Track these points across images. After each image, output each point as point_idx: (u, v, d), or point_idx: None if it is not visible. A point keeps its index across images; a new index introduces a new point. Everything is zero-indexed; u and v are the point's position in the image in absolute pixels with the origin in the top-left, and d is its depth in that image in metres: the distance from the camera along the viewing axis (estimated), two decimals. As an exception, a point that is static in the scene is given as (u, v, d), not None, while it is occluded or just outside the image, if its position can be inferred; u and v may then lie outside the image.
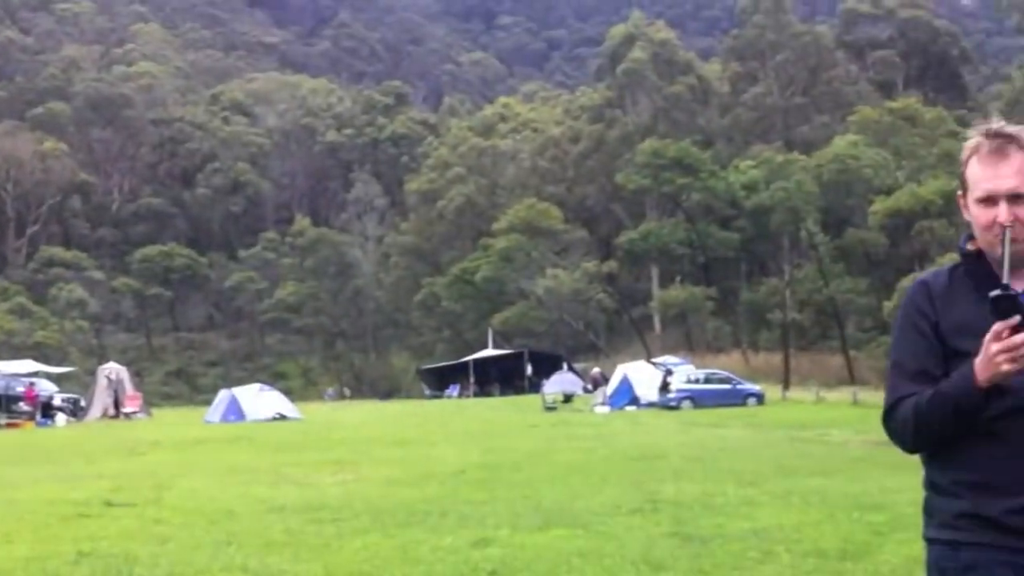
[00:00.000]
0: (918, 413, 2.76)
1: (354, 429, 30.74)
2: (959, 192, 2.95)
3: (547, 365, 63.43)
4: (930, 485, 2.89)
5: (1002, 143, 2.81)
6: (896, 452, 3.05)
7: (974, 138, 2.88)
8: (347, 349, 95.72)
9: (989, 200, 2.79)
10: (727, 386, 44.81)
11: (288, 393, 55.06)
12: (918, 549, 3.19)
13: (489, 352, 71.18)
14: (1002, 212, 2.76)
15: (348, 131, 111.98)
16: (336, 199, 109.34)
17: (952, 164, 69.97)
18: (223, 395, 43.91)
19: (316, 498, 13.96)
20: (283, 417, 40.72)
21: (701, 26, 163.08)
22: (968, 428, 2.74)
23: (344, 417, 41.18)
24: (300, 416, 41.18)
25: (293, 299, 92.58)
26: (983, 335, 2.65)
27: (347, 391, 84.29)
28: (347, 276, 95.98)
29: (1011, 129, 2.84)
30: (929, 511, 2.90)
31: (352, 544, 10.24)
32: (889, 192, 65.85)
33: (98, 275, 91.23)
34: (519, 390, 63.09)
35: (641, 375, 46.12)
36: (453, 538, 10.37)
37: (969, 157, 2.86)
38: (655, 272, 79.57)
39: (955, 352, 2.77)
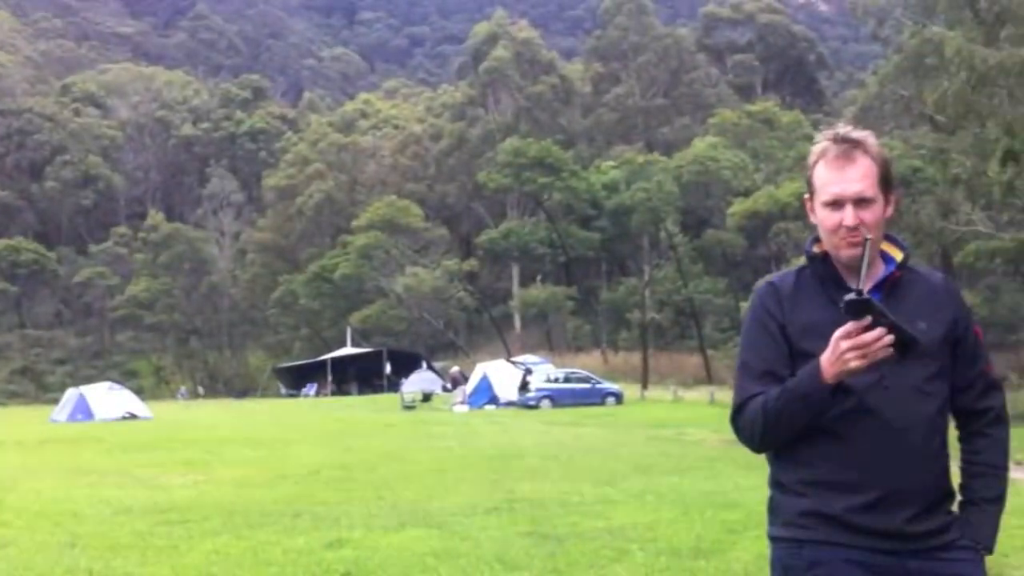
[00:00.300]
0: (766, 412, 2.79)
1: (207, 429, 30.08)
2: (806, 195, 3.00)
3: (406, 364, 63.23)
4: (775, 484, 2.94)
5: (849, 148, 2.85)
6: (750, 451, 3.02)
7: (821, 142, 2.92)
8: (201, 347, 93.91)
9: (836, 204, 2.84)
10: (586, 385, 45.17)
11: (139, 392, 53.96)
12: (770, 547, 3.16)
13: (347, 351, 70.73)
14: (848, 216, 2.81)
15: (204, 125, 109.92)
16: (191, 194, 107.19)
17: (804, 170, 71.52)
18: (71, 394, 42.83)
19: (165, 499, 13.63)
20: (133, 416, 39.91)
21: (564, 26, 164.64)
22: (813, 427, 2.78)
23: (197, 416, 40.35)
24: (151, 415, 40.35)
25: (145, 295, 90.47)
26: (830, 336, 2.69)
27: (201, 390, 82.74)
28: (202, 272, 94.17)
29: (857, 134, 2.89)
30: (774, 510, 2.94)
31: (202, 546, 10.00)
32: (747, 194, 67.45)
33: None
34: (377, 389, 62.77)
35: (501, 374, 46.23)
36: (306, 539, 10.20)
37: (816, 161, 2.91)
38: (516, 271, 80.00)
39: (802, 353, 2.81)
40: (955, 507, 2.95)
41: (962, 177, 37.29)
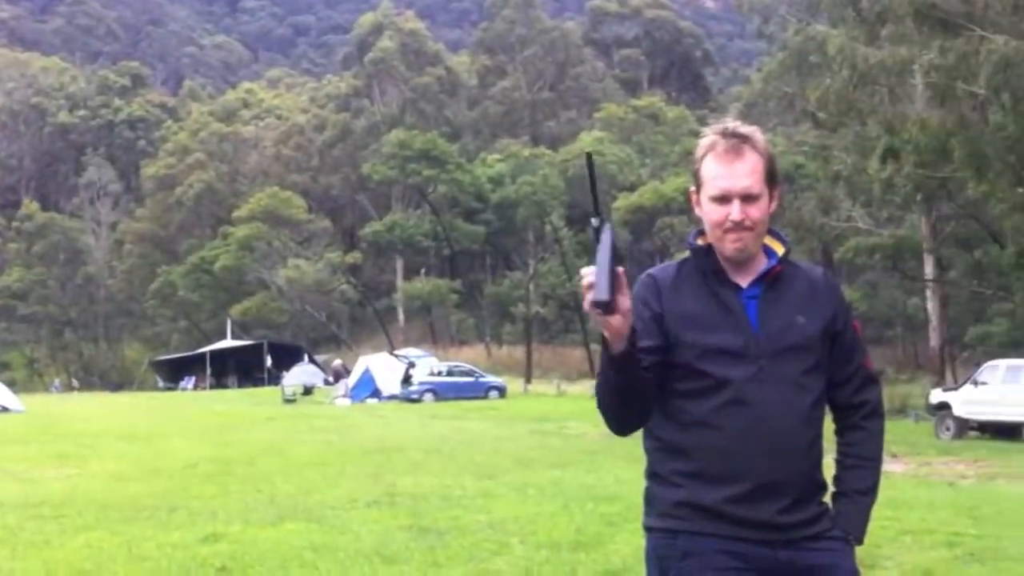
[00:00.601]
0: (597, 389, 2.80)
1: (81, 422, 29.33)
2: (692, 188, 3.01)
3: (287, 357, 62.47)
4: (651, 475, 2.95)
5: (737, 143, 2.86)
6: (631, 443, 3.08)
7: (710, 136, 2.92)
8: (76, 339, 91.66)
9: (723, 199, 2.85)
10: (469, 379, 45.26)
11: (11, 384, 52.43)
12: (648, 539, 3.16)
13: (227, 343, 69.71)
14: (735, 211, 2.83)
15: (81, 112, 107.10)
16: (67, 183, 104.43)
17: (690, 164, 72.56)
18: (-62, 386, 41.26)
19: (37, 493, 13.31)
20: (5, 409, 38.69)
21: (451, 18, 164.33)
22: (689, 419, 2.83)
23: (71, 409, 39.35)
24: (23, 408, 39.19)
25: (19, 286, 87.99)
26: (709, 326, 2.81)
27: (75, 382, 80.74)
28: (77, 263, 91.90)
29: (745, 129, 2.90)
30: (649, 500, 2.95)
31: (74, 541, 9.80)
32: (632, 188, 68.11)
33: None
34: (258, 382, 61.92)
35: (383, 368, 46.05)
36: (181, 534, 10.04)
37: (704, 155, 2.90)
38: (400, 264, 79.66)
39: (682, 343, 2.84)
40: (828, 499, 3.00)
41: (843, 174, 38.22)
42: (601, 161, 72.06)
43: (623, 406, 2.80)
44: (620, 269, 2.59)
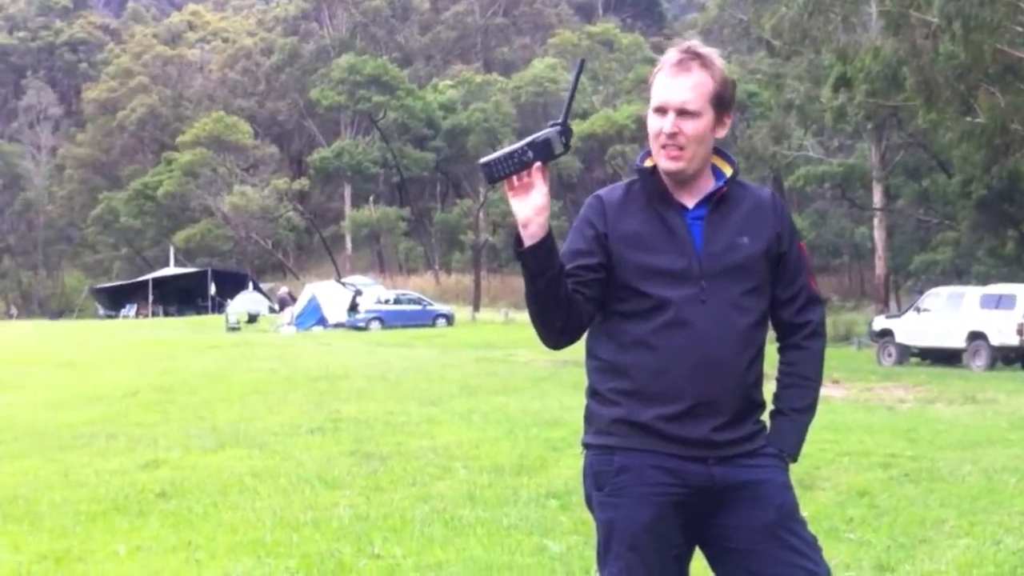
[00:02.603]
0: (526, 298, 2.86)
1: (19, 350, 29.02)
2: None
3: (232, 284, 62.11)
4: (592, 394, 3.01)
5: (687, 59, 2.88)
6: (579, 371, 3.16)
7: (668, 52, 2.95)
8: (15, 266, 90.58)
9: (661, 110, 2.88)
10: (417, 307, 45.23)
11: (-51, 312, 51.64)
12: (590, 462, 3.13)
13: (170, 271, 69.22)
14: (667, 123, 2.85)
15: (21, 34, 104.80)
16: (6, 107, 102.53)
17: (646, 90, 72.33)
18: None
19: (-29, 421, 13.10)
20: (-58, 337, 38.09)
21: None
22: (629, 339, 2.88)
23: (8, 337, 38.82)
24: (-39, 336, 38.60)
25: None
26: (651, 247, 2.87)
27: (14, 310, 79.84)
28: (16, 188, 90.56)
29: (702, 49, 2.91)
30: (588, 418, 3.01)
31: (9, 467, 9.81)
32: (584, 116, 67.68)
33: None
34: (201, 310, 61.57)
35: (330, 295, 45.86)
36: (120, 460, 10.00)
37: (659, 70, 2.93)
38: (348, 191, 79.03)
39: (622, 263, 2.88)
40: (766, 417, 3.03)
41: (795, 102, 38.47)
42: (554, 88, 71.74)
43: (544, 313, 2.83)
44: (537, 164, 2.69)
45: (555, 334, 2.88)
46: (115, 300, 69.12)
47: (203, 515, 7.42)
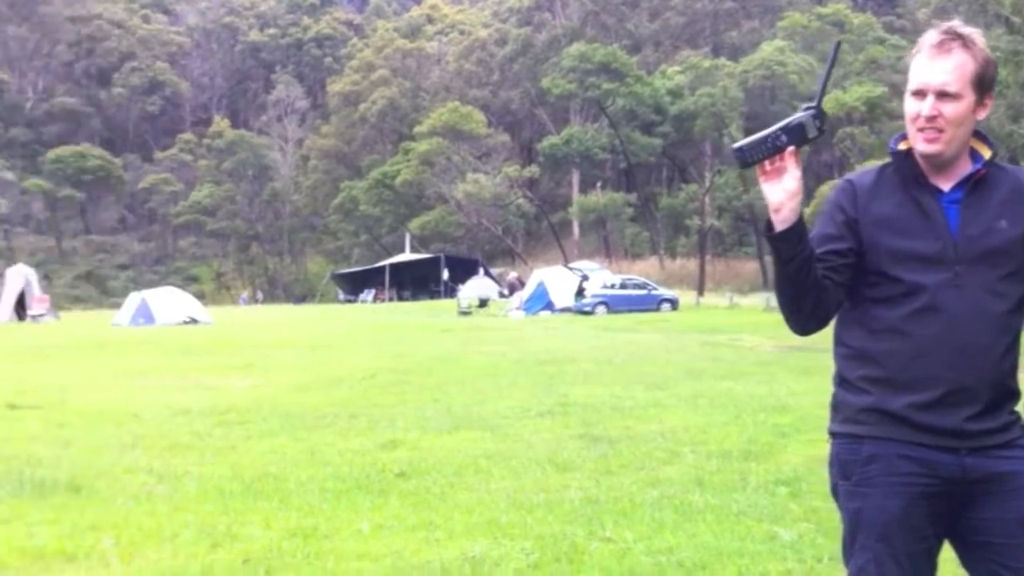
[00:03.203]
0: (774, 284, 2.88)
1: (266, 333, 30.35)
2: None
3: (464, 270, 63.39)
4: (840, 381, 2.95)
5: (948, 40, 2.80)
6: (806, 356, 3.11)
7: (928, 33, 2.87)
8: (262, 253, 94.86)
9: (919, 93, 2.81)
10: (642, 292, 45.09)
11: (200, 297, 54.59)
12: (820, 449, 3.18)
13: (406, 256, 71.06)
14: (926, 106, 2.79)
15: (271, 31, 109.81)
16: (256, 101, 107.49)
17: (877, 71, 70.66)
18: (133, 298, 43.00)
19: (224, 401, 13.71)
20: (194, 321, 40.20)
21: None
22: (880, 325, 2.83)
23: (256, 321, 40.77)
24: (211, 320, 40.67)
25: (209, 202, 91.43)
26: (906, 231, 2.80)
27: (260, 295, 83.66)
28: (264, 179, 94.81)
29: (964, 29, 2.83)
30: (836, 406, 2.96)
31: (259, 446, 10.09)
32: (812, 98, 66.05)
33: (9, 176, 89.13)
34: (435, 295, 63.12)
35: (557, 280, 46.23)
36: (362, 440, 10.29)
37: (917, 51, 2.85)
38: (576, 177, 79.54)
39: (874, 247, 2.84)
40: (1021, 407, 2.94)
41: (1034, 81, 36.42)
42: (782, 71, 70.20)
43: (793, 297, 2.82)
44: (791, 148, 2.73)
45: (804, 318, 2.86)
46: (354, 285, 71.58)
47: (440, 495, 7.60)
